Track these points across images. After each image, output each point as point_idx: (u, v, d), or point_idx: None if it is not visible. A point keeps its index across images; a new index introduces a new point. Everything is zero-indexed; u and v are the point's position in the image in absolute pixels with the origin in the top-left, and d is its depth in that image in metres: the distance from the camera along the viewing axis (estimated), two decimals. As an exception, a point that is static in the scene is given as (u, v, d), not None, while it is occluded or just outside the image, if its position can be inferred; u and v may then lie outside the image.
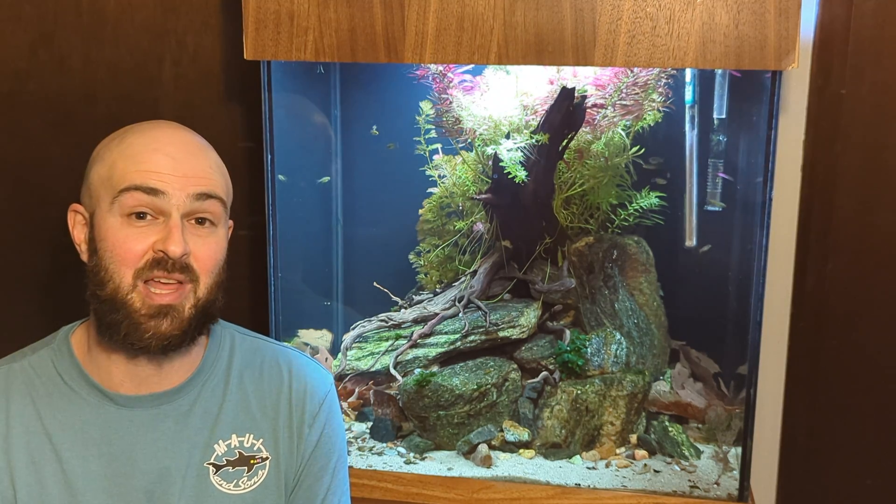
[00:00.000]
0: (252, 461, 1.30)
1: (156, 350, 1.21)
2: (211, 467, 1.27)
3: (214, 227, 1.25)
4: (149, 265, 1.19)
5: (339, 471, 1.37)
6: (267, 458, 1.31)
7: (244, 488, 1.29)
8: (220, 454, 1.28)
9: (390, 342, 1.87)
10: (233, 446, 1.29)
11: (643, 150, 1.79)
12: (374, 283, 1.94)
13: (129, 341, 1.20)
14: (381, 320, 1.91)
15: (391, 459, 1.72)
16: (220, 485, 1.27)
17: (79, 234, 1.26)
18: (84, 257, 1.25)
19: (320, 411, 1.35)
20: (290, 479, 1.33)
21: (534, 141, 1.76)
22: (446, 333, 1.83)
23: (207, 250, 1.23)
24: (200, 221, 1.24)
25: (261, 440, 1.31)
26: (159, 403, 1.27)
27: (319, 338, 1.95)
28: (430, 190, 1.92)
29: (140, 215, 1.20)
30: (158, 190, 1.19)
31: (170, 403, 1.27)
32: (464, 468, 1.69)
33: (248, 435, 1.30)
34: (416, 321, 1.88)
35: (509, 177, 1.76)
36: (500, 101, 1.79)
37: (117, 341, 1.21)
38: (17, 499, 1.21)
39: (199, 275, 1.22)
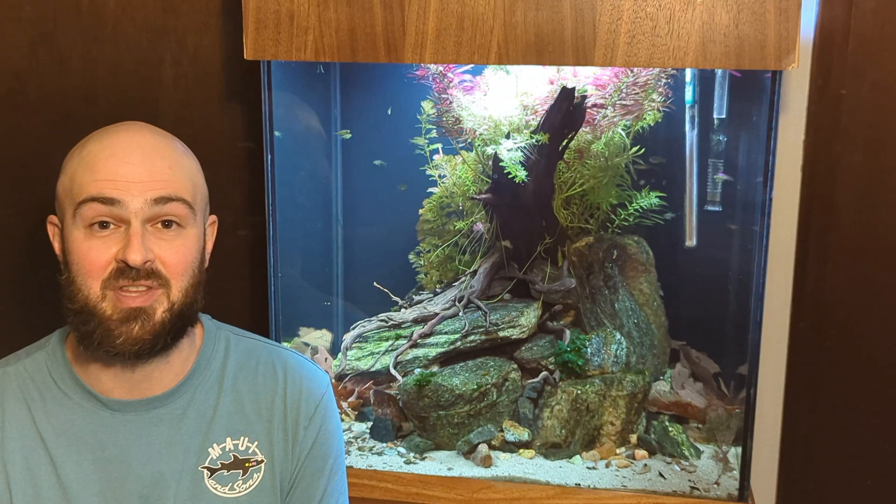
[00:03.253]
0: (247, 464, 1.29)
1: (129, 356, 1.20)
2: (205, 471, 1.27)
3: (182, 229, 1.23)
4: (113, 275, 1.18)
5: (336, 473, 1.37)
6: (262, 461, 1.30)
7: (239, 491, 1.28)
8: (214, 457, 1.28)
9: (390, 342, 1.87)
10: (227, 449, 1.29)
11: (643, 150, 1.79)
12: (374, 283, 1.94)
13: (103, 348, 1.19)
14: (381, 320, 1.91)
15: (391, 459, 1.72)
16: (215, 488, 1.27)
17: (57, 245, 1.26)
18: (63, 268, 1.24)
19: (316, 413, 1.35)
20: (286, 482, 1.33)
21: (534, 141, 1.76)
22: (446, 333, 1.83)
23: (175, 254, 1.22)
24: (167, 224, 1.22)
25: (255, 443, 1.31)
26: (152, 408, 1.26)
27: (319, 338, 1.95)
28: (430, 190, 1.92)
29: (103, 224, 1.19)
30: (115, 199, 1.18)
31: (163, 407, 1.27)
32: (464, 468, 1.69)
33: (242, 438, 1.30)
34: (416, 321, 1.88)
35: (509, 177, 1.76)
36: (500, 101, 1.78)
37: (93, 350, 1.21)
38: (12, 502, 1.21)
39: (169, 279, 1.21)
